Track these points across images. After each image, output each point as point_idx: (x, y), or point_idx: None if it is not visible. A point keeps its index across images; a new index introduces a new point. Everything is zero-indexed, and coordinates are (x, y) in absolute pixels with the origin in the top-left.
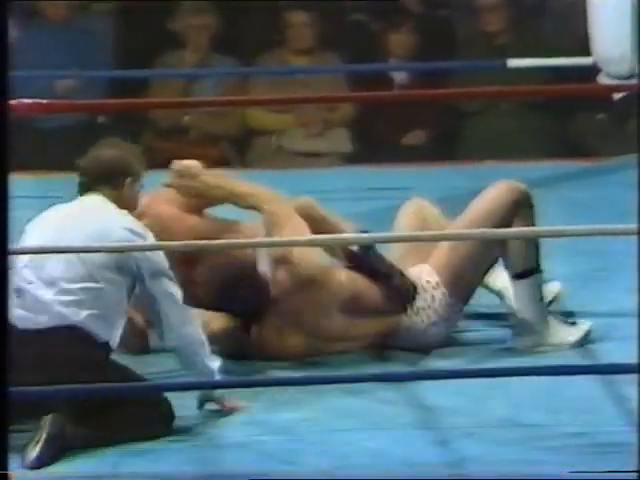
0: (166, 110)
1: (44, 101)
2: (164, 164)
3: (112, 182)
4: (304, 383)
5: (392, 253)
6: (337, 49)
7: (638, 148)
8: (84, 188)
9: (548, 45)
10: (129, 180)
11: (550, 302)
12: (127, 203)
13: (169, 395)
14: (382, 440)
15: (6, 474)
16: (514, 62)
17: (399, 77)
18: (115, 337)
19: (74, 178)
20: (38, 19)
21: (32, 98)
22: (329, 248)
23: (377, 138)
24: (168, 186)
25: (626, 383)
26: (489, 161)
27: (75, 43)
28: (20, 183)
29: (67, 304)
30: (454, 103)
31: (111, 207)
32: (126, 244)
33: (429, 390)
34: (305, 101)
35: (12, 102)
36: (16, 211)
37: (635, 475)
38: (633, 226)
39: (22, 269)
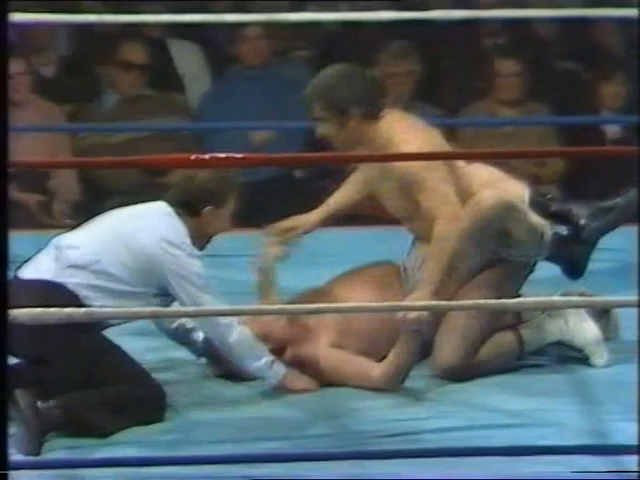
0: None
1: (239, 155)
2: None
3: (190, 207)
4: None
5: None
6: (546, 99)
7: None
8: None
9: None
10: (209, 209)
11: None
12: (202, 230)
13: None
14: None
15: (6, 474)
16: None
17: (612, 131)
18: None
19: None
20: (235, 66)
21: (227, 149)
22: None
23: (589, 196)
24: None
25: None
26: None
27: (273, 91)
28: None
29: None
30: None
31: (166, 214)
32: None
33: None
34: (512, 155)
35: (206, 156)
36: (212, 269)
37: (635, 475)
38: (633, 298)
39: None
